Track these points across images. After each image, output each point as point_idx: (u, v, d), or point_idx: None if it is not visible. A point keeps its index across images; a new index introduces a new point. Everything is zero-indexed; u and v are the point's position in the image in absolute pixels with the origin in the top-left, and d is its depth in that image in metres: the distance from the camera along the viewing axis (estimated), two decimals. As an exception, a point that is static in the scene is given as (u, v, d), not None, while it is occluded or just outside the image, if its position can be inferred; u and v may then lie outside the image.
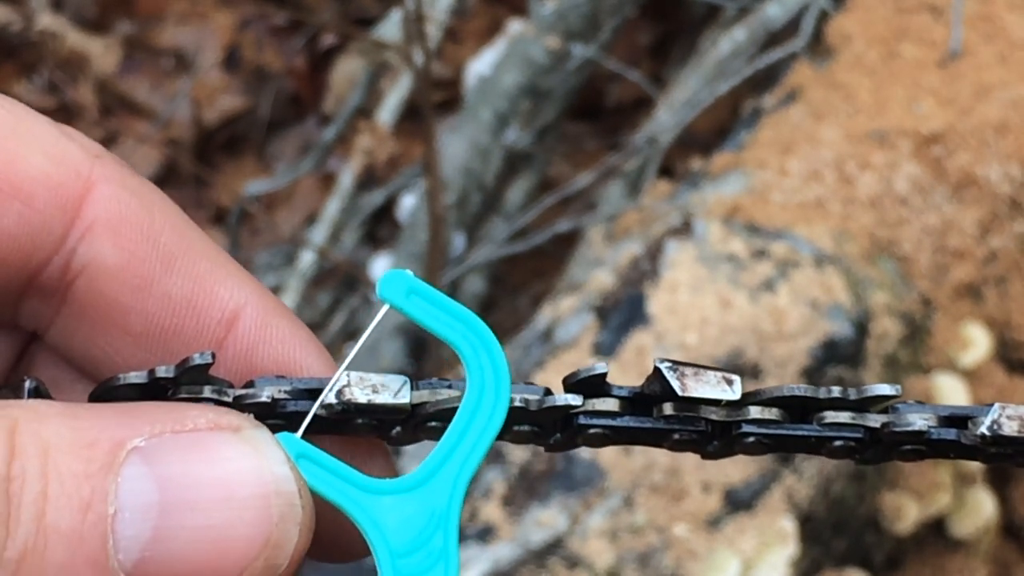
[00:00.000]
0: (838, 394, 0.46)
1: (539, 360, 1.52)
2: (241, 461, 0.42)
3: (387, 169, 2.35)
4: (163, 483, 0.41)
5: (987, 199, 1.62)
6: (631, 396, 0.47)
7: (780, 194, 1.62)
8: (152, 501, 0.41)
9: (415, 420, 0.46)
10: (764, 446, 0.47)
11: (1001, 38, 1.73)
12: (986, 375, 1.58)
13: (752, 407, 0.46)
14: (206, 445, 0.42)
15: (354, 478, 0.43)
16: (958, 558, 1.56)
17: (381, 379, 0.45)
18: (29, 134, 0.45)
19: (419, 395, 0.46)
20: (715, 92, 1.93)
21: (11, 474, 0.39)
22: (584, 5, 2.11)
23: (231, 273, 0.47)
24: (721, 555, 1.39)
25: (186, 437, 0.42)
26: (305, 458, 0.43)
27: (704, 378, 0.45)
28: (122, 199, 0.45)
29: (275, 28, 2.67)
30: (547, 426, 0.47)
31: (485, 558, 1.42)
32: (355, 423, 0.46)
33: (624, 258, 1.58)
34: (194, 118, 2.58)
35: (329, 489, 0.43)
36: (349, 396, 0.45)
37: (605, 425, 0.46)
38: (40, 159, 0.45)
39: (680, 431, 0.46)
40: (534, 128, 2.14)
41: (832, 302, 1.52)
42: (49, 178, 0.45)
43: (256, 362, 0.48)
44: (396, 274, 0.44)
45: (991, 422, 0.45)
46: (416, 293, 0.45)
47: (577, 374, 0.46)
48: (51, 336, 0.49)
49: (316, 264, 2.17)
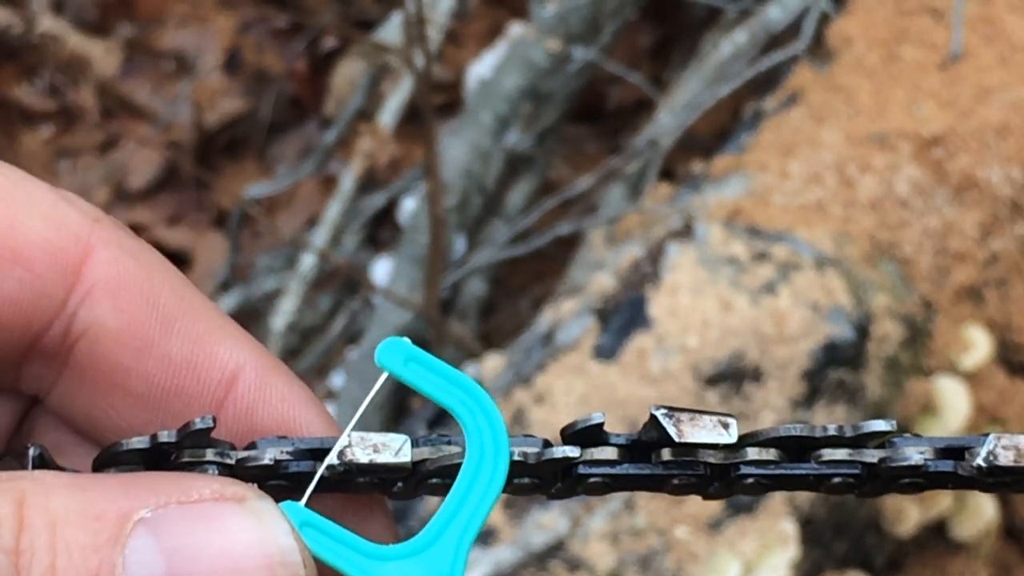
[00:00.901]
0: (834, 431, 0.47)
1: (540, 363, 1.52)
2: (246, 533, 0.42)
3: (388, 172, 2.35)
4: (170, 554, 0.41)
5: (988, 201, 1.62)
6: (629, 443, 0.47)
7: (781, 196, 1.62)
8: (159, 573, 0.41)
9: (417, 477, 0.47)
10: (763, 486, 0.47)
11: (1002, 40, 1.73)
12: (987, 377, 1.58)
13: (750, 448, 0.47)
14: (211, 516, 0.42)
15: (358, 545, 0.44)
16: (959, 560, 1.56)
17: (382, 438, 0.46)
18: (28, 199, 0.45)
19: (420, 452, 0.46)
20: (716, 94, 1.94)
21: (20, 547, 0.39)
22: (585, 8, 2.11)
23: (230, 334, 0.48)
24: (722, 557, 1.39)
25: (192, 508, 0.42)
26: (309, 526, 0.44)
27: (700, 423, 0.46)
28: (121, 262, 0.45)
29: (276, 31, 2.67)
30: (547, 477, 0.47)
31: (486, 561, 1.42)
32: (357, 481, 0.46)
33: (625, 260, 1.58)
34: (195, 121, 2.58)
35: (334, 556, 0.44)
36: (351, 457, 0.45)
37: (605, 474, 0.47)
38: (40, 224, 0.45)
39: (679, 476, 0.47)
40: (535, 131, 2.14)
41: (833, 304, 1.52)
42: (49, 243, 0.45)
43: (257, 421, 0.48)
44: (395, 342, 0.45)
45: (987, 453, 0.45)
46: (415, 360, 0.45)
47: (575, 425, 0.47)
48: (52, 399, 0.49)
49: (317, 267, 2.17)
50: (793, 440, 0.47)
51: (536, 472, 0.47)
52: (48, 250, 0.44)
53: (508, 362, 1.57)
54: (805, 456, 0.47)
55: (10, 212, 0.45)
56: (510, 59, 2.13)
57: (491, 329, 2.15)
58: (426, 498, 1.47)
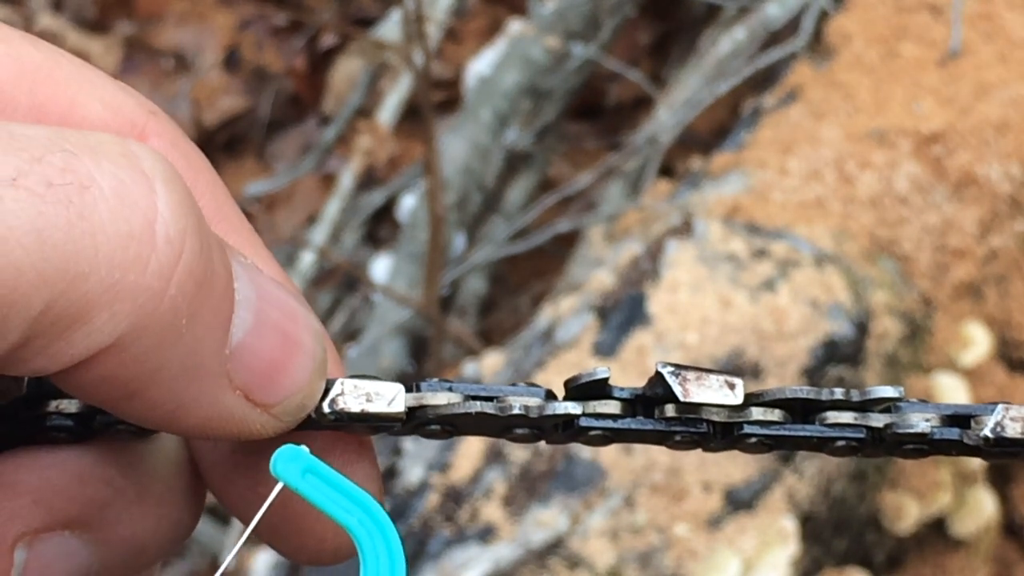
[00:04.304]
0: (840, 396, 0.46)
1: (540, 360, 1.52)
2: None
3: (387, 169, 2.35)
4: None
5: (987, 198, 1.62)
6: (632, 398, 0.47)
7: (780, 194, 1.62)
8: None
9: (412, 423, 0.46)
10: (766, 446, 0.47)
11: (1001, 37, 1.73)
12: (987, 374, 1.58)
13: (754, 408, 0.46)
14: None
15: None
16: (959, 557, 1.56)
17: (375, 387, 0.45)
18: (89, 83, 0.45)
19: (414, 398, 0.46)
20: (715, 92, 1.94)
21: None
22: (584, 5, 2.11)
23: (260, 255, 0.47)
24: (722, 555, 1.39)
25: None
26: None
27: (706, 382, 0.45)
28: (171, 156, 0.45)
29: (275, 28, 2.67)
30: (548, 428, 0.47)
31: (486, 558, 1.42)
32: (349, 427, 0.46)
33: (624, 258, 1.58)
34: (194, 118, 2.58)
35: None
36: (342, 406, 0.45)
37: (606, 427, 0.47)
38: (98, 107, 0.45)
39: (681, 432, 0.46)
40: (534, 128, 2.14)
41: (832, 301, 1.52)
42: (106, 125, 0.45)
43: None
44: (292, 451, 0.43)
45: (995, 424, 0.45)
46: (312, 472, 0.43)
47: (579, 378, 0.46)
48: None
49: (316, 264, 2.17)
50: (799, 402, 0.47)
51: (537, 424, 0.46)
52: (104, 131, 0.44)
53: (507, 359, 1.57)
54: (810, 418, 0.47)
55: (71, 92, 0.45)
56: (509, 56, 2.13)
57: (490, 326, 2.15)
58: (427, 496, 1.47)
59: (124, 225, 0.39)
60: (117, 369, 0.39)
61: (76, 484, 0.44)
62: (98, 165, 0.39)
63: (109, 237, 0.38)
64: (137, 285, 0.38)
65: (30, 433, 0.44)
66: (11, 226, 0.37)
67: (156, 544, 0.45)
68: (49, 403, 0.44)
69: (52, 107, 0.44)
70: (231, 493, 0.46)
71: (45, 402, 0.45)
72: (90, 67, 0.46)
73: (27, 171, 0.37)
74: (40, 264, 0.37)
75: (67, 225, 0.38)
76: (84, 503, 0.44)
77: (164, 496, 0.45)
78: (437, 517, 1.45)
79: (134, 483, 0.45)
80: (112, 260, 0.38)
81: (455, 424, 0.46)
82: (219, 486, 0.46)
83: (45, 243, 0.37)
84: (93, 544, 0.44)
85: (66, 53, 0.46)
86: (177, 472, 0.46)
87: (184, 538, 0.47)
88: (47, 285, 0.37)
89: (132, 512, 0.45)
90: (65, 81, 0.45)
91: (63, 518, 0.43)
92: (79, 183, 0.38)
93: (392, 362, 1.94)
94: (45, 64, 0.45)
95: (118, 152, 0.40)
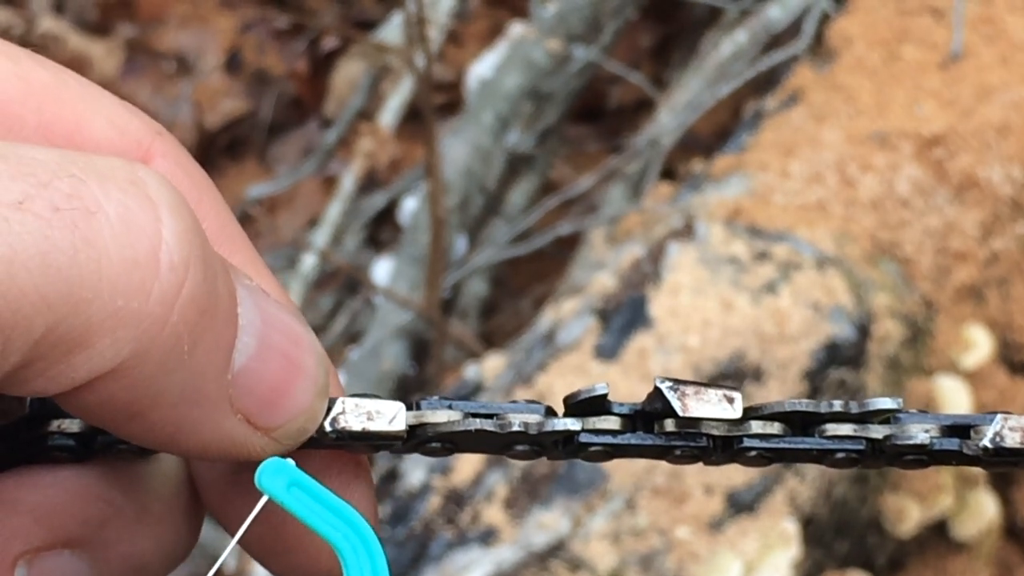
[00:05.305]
0: (839, 408, 0.47)
1: (541, 363, 1.52)
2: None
3: (389, 172, 2.35)
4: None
5: (989, 201, 1.62)
6: (632, 413, 0.47)
7: (781, 196, 1.62)
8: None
9: (413, 441, 0.46)
10: (766, 459, 0.47)
11: (1002, 40, 1.73)
12: (988, 377, 1.58)
13: (754, 422, 0.47)
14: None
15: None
16: (960, 560, 1.56)
17: (376, 405, 0.45)
18: (96, 103, 0.45)
19: (415, 416, 0.46)
20: (716, 94, 1.94)
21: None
22: (585, 7, 2.11)
23: (261, 274, 0.47)
24: (723, 557, 1.39)
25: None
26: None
27: (705, 396, 0.45)
28: (176, 176, 0.45)
29: (276, 31, 2.67)
30: (548, 445, 0.47)
31: (487, 561, 1.42)
32: (350, 445, 0.46)
33: (626, 260, 1.58)
34: (196, 121, 2.58)
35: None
36: (344, 424, 0.45)
37: (606, 443, 0.47)
38: (104, 126, 0.45)
39: (681, 447, 0.47)
40: (535, 130, 2.14)
41: (834, 304, 1.52)
42: (112, 144, 0.45)
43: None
44: (277, 464, 0.42)
45: (993, 434, 0.45)
46: (297, 485, 0.43)
47: (578, 394, 0.47)
48: None
49: (318, 267, 2.18)
50: (798, 415, 0.47)
51: (537, 441, 0.47)
52: (111, 151, 0.44)
53: (509, 362, 1.57)
54: (809, 431, 0.47)
55: (78, 111, 0.45)
56: (511, 59, 2.13)
57: (492, 329, 2.15)
58: (428, 499, 1.47)
59: (129, 251, 0.39)
60: (118, 392, 0.40)
61: (77, 503, 0.44)
62: (105, 191, 0.39)
63: (113, 263, 0.38)
64: (140, 312, 0.39)
65: (32, 452, 0.44)
66: (16, 249, 0.37)
67: (156, 563, 0.45)
68: (51, 423, 0.44)
69: (59, 126, 0.44)
70: (227, 511, 0.46)
71: (47, 422, 0.45)
72: (96, 87, 0.46)
73: (34, 195, 0.38)
74: (44, 288, 0.37)
75: (72, 250, 0.38)
76: (84, 522, 0.44)
77: (164, 515, 0.45)
78: (439, 519, 1.46)
79: (134, 502, 0.45)
80: (116, 286, 0.38)
81: (455, 441, 0.46)
82: (215, 504, 0.46)
83: (49, 267, 0.37)
84: (93, 562, 0.44)
85: (73, 73, 0.46)
86: (177, 491, 0.46)
87: (184, 557, 0.47)
88: (50, 309, 0.37)
89: (132, 531, 0.45)
90: (72, 100, 0.45)
91: (64, 536, 0.43)
92: (85, 208, 0.38)
93: (393, 365, 1.94)
94: (52, 83, 0.45)
95: (125, 178, 0.40)
